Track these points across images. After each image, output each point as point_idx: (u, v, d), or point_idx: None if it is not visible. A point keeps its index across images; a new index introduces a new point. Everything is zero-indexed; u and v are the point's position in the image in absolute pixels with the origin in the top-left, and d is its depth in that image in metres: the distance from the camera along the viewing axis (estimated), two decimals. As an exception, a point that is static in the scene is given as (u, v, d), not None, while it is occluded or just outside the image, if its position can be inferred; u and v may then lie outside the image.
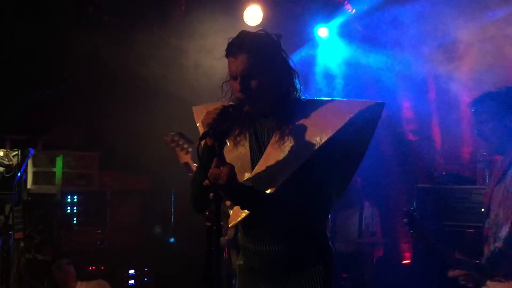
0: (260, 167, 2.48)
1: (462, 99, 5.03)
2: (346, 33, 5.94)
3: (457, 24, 5.01)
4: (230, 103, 2.39)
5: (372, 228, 5.68)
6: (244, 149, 2.56)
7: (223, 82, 2.59)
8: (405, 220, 3.44)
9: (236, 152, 2.57)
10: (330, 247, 2.61)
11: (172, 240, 6.65)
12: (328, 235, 2.64)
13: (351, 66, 5.86)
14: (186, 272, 6.44)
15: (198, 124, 2.68)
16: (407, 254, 5.60)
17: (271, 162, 2.45)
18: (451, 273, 3.56)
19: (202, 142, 2.34)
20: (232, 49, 2.44)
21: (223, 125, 2.27)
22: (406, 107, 5.26)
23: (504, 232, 3.33)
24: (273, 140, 2.48)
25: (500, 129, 3.51)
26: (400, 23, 5.38)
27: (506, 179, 3.44)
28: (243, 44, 2.42)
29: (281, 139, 2.45)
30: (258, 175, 2.46)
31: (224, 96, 2.57)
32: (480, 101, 3.60)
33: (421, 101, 3.76)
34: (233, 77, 2.46)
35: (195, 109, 2.78)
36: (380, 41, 5.67)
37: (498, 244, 3.33)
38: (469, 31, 4.98)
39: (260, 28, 2.54)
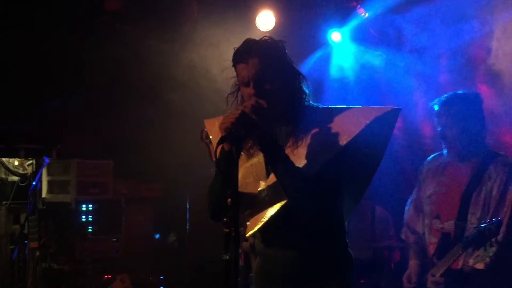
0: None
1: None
2: (360, 37, 5.91)
3: (472, 26, 4.97)
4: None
5: (387, 232, 5.64)
6: (258, 157, 2.55)
7: (228, 95, 2.58)
8: None
9: (250, 161, 2.56)
10: (350, 253, 2.58)
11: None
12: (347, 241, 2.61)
13: (366, 69, 5.83)
14: (202, 280, 6.43)
15: (211, 137, 2.67)
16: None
17: None
18: (433, 279, 3.51)
19: (219, 148, 2.31)
20: (241, 56, 2.43)
21: (241, 130, 2.25)
22: (422, 110, 5.22)
23: (499, 236, 3.30)
24: (287, 146, 2.46)
25: (463, 134, 3.48)
26: (414, 26, 5.35)
27: (484, 183, 3.40)
28: (252, 49, 2.42)
29: (295, 146, 2.44)
30: (274, 183, 2.43)
31: (229, 109, 2.55)
32: (444, 103, 3.55)
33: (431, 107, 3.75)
34: (244, 83, 2.44)
35: (207, 122, 2.77)
36: (394, 44, 5.64)
37: (494, 249, 3.29)
38: (486, 33, 4.94)
39: (266, 35, 2.53)
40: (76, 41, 5.63)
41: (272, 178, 2.45)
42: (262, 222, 2.44)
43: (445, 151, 3.63)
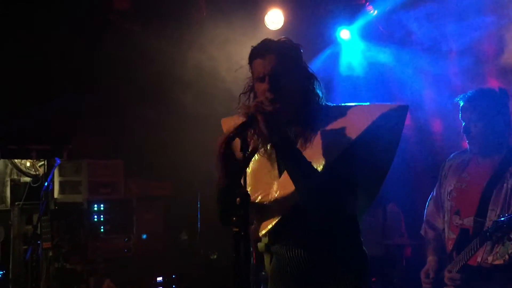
0: (287, 174, 2.45)
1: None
2: (369, 34, 5.90)
3: (482, 21, 4.96)
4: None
5: (399, 229, 5.64)
6: (270, 156, 2.55)
7: (240, 94, 2.59)
8: None
9: (262, 160, 2.58)
10: (364, 252, 2.59)
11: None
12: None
13: (375, 67, 5.83)
14: (214, 278, 6.45)
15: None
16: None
17: None
18: (450, 275, 3.51)
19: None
20: (259, 51, 2.46)
21: (245, 131, 2.28)
22: (432, 107, 5.21)
23: None
24: (298, 145, 2.47)
25: (489, 130, 3.48)
26: (423, 22, 5.33)
27: (506, 180, 3.39)
28: (269, 46, 2.46)
29: (304, 144, 2.45)
30: (285, 182, 2.44)
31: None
32: (471, 98, 3.54)
33: (448, 101, 3.74)
34: (260, 78, 2.46)
35: (223, 121, 2.77)
36: (403, 41, 5.63)
37: None
38: (496, 29, 4.93)
39: (284, 37, 2.55)
40: (86, 41, 5.66)
41: (285, 176, 2.45)
42: (275, 221, 2.45)
43: (468, 148, 3.62)
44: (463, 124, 3.56)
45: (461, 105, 3.58)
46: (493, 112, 3.48)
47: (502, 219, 3.26)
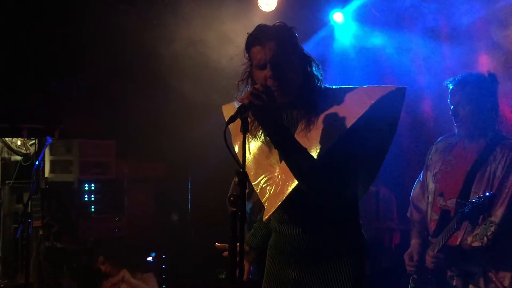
0: None
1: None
2: (362, 17, 5.88)
3: (473, 6, 4.96)
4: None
5: (390, 214, 5.67)
6: (269, 143, 2.56)
7: (238, 81, 2.58)
8: None
9: (262, 145, 2.60)
10: (362, 235, 2.62)
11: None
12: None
13: (368, 50, 5.81)
14: (203, 259, 6.48)
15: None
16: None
17: None
18: (430, 256, 3.57)
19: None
20: (258, 38, 2.45)
21: (248, 111, 2.26)
22: (425, 91, 5.22)
23: (498, 216, 3.35)
24: (298, 129, 2.49)
25: (476, 114, 3.52)
26: (418, 6, 5.32)
27: (489, 163, 3.45)
28: (268, 33, 2.45)
29: (307, 128, 2.46)
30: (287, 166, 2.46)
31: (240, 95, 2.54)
32: (460, 82, 3.59)
33: (442, 86, 3.76)
34: (260, 66, 2.45)
35: (224, 107, 2.78)
36: (396, 24, 5.62)
37: (492, 228, 3.33)
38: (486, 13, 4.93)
39: (278, 21, 2.54)
40: (78, 21, 5.62)
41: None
42: (276, 205, 2.47)
43: (455, 131, 3.66)
44: (452, 107, 3.60)
45: (450, 89, 3.63)
46: (481, 96, 3.52)
47: (475, 200, 3.34)
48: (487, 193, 3.35)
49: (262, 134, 2.55)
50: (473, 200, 3.36)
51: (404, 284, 3.89)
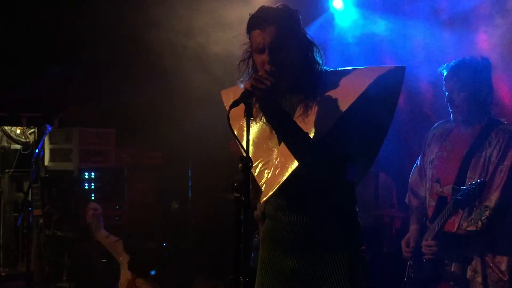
0: None
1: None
2: (362, 3, 5.85)
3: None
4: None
5: (389, 200, 5.66)
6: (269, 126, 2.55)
7: (240, 62, 2.56)
8: None
9: (262, 128, 2.58)
10: (358, 222, 2.60)
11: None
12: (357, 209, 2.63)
13: (368, 37, 5.78)
14: (205, 247, 6.49)
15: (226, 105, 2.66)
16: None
17: None
18: (425, 243, 3.57)
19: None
20: (258, 22, 2.42)
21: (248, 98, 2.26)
22: (426, 76, 5.20)
23: (492, 201, 3.36)
24: (297, 113, 2.47)
25: (472, 100, 3.52)
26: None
27: (484, 148, 3.45)
28: (269, 16, 2.41)
29: (305, 112, 2.44)
30: (285, 149, 2.45)
31: (242, 76, 2.55)
32: (454, 68, 3.59)
33: (440, 72, 3.75)
34: (259, 49, 2.43)
35: (223, 93, 2.75)
36: (397, 10, 5.59)
37: (487, 213, 3.35)
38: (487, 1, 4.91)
39: (281, 4, 2.50)
40: (77, 8, 5.60)
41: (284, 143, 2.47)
42: (275, 188, 2.46)
43: (451, 117, 3.66)
44: (447, 94, 3.60)
45: (444, 75, 3.62)
46: (475, 81, 3.52)
47: (467, 187, 3.36)
48: (479, 180, 3.35)
49: (263, 119, 2.52)
50: (464, 187, 3.37)
51: (405, 270, 3.90)
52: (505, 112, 4.55)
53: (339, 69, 2.57)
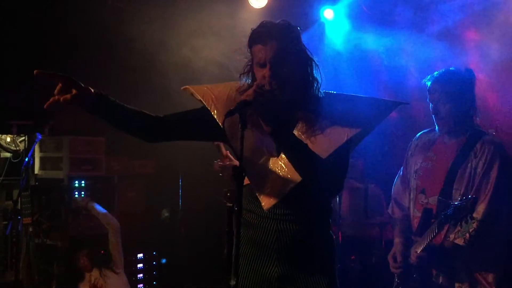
0: None
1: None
2: (353, 14, 5.89)
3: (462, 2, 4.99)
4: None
5: (379, 209, 5.69)
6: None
7: (241, 74, 2.60)
8: None
9: (261, 139, 2.60)
10: (331, 234, 2.73)
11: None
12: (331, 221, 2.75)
13: (358, 48, 5.82)
14: (195, 255, 6.48)
15: (200, 99, 2.79)
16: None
17: None
18: (414, 256, 3.58)
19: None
20: (260, 36, 2.45)
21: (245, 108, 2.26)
22: (414, 88, 5.23)
23: (479, 212, 3.36)
24: (299, 129, 2.52)
25: (456, 110, 3.53)
26: (407, 3, 5.34)
27: (470, 160, 3.46)
28: (272, 32, 2.45)
29: (307, 130, 2.51)
30: (286, 160, 2.51)
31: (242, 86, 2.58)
32: (438, 79, 3.60)
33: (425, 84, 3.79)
34: (260, 64, 2.46)
35: (192, 87, 2.89)
36: (387, 21, 5.63)
37: (474, 225, 3.35)
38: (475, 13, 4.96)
39: (283, 19, 2.55)
40: (67, 16, 5.59)
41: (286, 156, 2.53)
42: (280, 197, 2.52)
43: (436, 128, 3.67)
44: (431, 105, 3.61)
45: (428, 86, 3.62)
46: (460, 92, 3.53)
47: (458, 203, 3.34)
48: (469, 196, 3.35)
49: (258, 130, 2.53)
50: (456, 203, 3.36)
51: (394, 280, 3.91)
52: (494, 123, 4.59)
53: (343, 93, 2.65)
